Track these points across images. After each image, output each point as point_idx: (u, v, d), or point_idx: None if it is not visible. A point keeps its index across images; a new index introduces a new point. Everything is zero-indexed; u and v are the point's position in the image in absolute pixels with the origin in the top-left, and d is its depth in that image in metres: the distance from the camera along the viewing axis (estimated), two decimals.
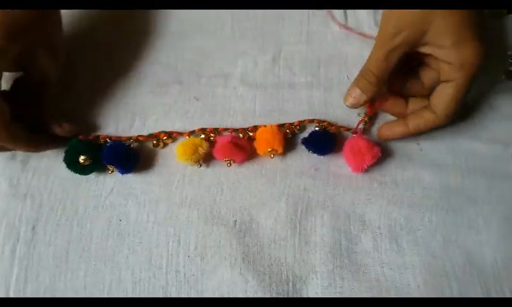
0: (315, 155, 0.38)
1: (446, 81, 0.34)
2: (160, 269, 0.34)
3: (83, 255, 0.34)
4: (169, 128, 0.39)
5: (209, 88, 0.41)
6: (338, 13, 0.45)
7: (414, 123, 0.36)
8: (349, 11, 0.45)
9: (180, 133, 0.38)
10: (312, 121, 0.39)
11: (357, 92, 0.36)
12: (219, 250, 0.34)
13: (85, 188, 0.37)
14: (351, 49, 0.43)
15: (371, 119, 0.39)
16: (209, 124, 0.39)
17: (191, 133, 0.38)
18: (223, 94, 0.41)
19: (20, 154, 0.38)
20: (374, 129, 0.39)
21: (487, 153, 0.38)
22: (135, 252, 0.34)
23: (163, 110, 0.40)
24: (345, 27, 0.43)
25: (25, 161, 0.38)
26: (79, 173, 0.36)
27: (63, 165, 0.36)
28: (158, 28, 0.44)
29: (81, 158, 0.35)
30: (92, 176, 0.37)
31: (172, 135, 0.38)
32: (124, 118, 0.39)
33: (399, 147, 0.38)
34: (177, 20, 0.44)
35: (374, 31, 0.44)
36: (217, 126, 0.39)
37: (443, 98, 0.34)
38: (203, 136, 0.38)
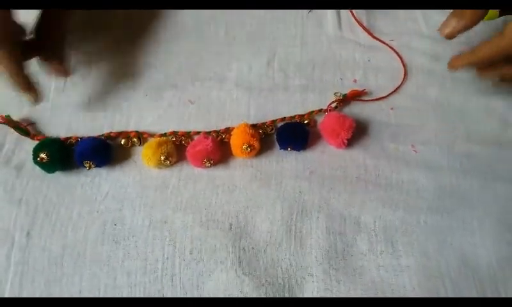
0: (310, 158, 0.38)
1: None
2: (155, 273, 0.33)
3: (78, 260, 0.34)
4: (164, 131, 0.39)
5: (204, 91, 0.41)
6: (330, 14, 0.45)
7: (480, 47, 0.34)
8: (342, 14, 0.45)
9: (151, 135, 0.38)
10: (283, 119, 0.39)
11: (453, 21, 0.34)
12: (215, 253, 0.34)
13: (80, 193, 0.36)
14: (344, 52, 0.43)
15: (344, 97, 0.39)
16: (205, 127, 0.39)
17: (162, 135, 0.38)
18: (218, 98, 0.41)
19: (15, 159, 0.38)
20: (346, 110, 0.40)
21: (481, 154, 0.38)
22: (130, 256, 0.34)
23: (158, 114, 0.40)
24: (369, 32, 0.43)
25: (20, 166, 0.37)
26: (46, 171, 0.37)
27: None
28: (152, 32, 0.44)
29: (39, 156, 0.36)
30: (87, 180, 0.37)
31: (142, 136, 0.38)
32: (119, 122, 0.40)
33: (393, 150, 0.38)
34: (172, 23, 0.45)
35: (367, 35, 0.44)
36: (209, 130, 0.39)
37: None
38: (174, 139, 0.38)
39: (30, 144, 0.38)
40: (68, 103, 0.41)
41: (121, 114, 0.40)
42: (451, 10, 0.35)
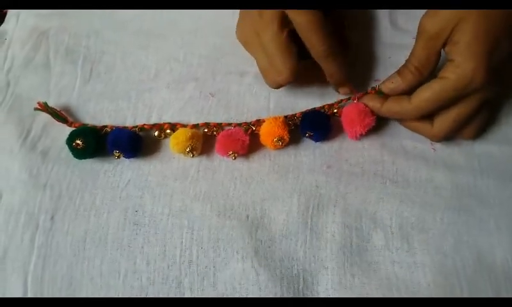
0: (327, 152, 0.38)
1: (439, 77, 0.33)
2: (174, 260, 0.34)
3: (100, 244, 0.35)
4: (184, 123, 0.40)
5: (224, 85, 0.42)
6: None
7: (388, 104, 0.36)
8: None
9: (184, 126, 0.39)
10: (313, 109, 0.39)
11: (397, 79, 0.36)
12: (232, 243, 0.35)
13: (103, 179, 0.37)
14: (364, 47, 0.44)
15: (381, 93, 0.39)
16: (224, 120, 0.40)
17: (194, 126, 0.39)
18: (238, 92, 0.42)
19: (40, 145, 0.39)
20: None
21: (500, 154, 0.38)
22: (150, 242, 0.35)
23: (179, 106, 0.41)
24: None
25: (45, 152, 0.39)
26: (77, 157, 0.37)
27: None
28: (174, 25, 0.45)
29: (75, 142, 0.36)
30: (110, 167, 0.38)
31: (175, 127, 0.39)
32: (142, 113, 0.40)
33: (412, 147, 0.38)
34: (193, 17, 0.45)
35: (389, 33, 0.44)
36: (229, 122, 0.39)
37: (424, 89, 0.34)
38: (206, 130, 0.39)
39: (56, 130, 0.39)
40: (92, 93, 0.42)
41: (144, 105, 0.41)
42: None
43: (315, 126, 0.38)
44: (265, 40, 0.36)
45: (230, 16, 0.45)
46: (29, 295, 0.34)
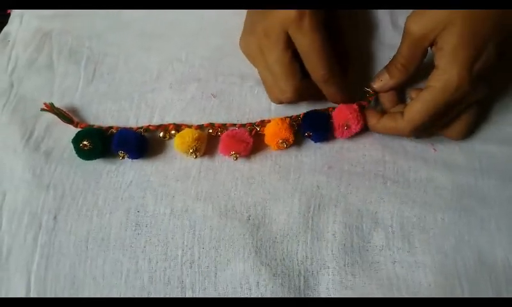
0: (329, 153, 0.38)
1: (426, 87, 0.33)
2: (175, 260, 0.35)
3: (102, 244, 0.35)
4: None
5: (226, 86, 0.42)
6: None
7: (383, 120, 0.36)
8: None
9: (189, 127, 0.39)
10: (315, 110, 0.39)
11: (385, 76, 0.36)
12: (233, 243, 0.35)
13: (105, 180, 0.38)
14: (367, 48, 0.44)
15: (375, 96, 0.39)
16: (226, 120, 0.40)
17: (199, 127, 0.39)
18: (240, 93, 0.42)
19: (43, 146, 0.39)
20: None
21: (500, 154, 0.38)
22: (152, 243, 0.35)
23: (181, 107, 0.41)
24: None
25: (48, 153, 0.39)
26: (82, 158, 0.37)
27: None
28: (176, 27, 0.45)
29: (82, 143, 0.37)
30: (113, 168, 0.38)
31: (180, 128, 0.39)
32: (144, 113, 0.41)
33: (412, 147, 0.39)
34: (195, 19, 0.46)
35: (390, 33, 0.44)
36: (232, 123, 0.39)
37: (415, 102, 0.34)
38: (210, 131, 0.39)
39: (59, 131, 0.40)
40: (95, 93, 0.42)
41: (147, 106, 0.41)
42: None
43: (315, 127, 0.38)
44: (270, 60, 0.36)
45: (232, 17, 0.45)
46: (32, 294, 0.34)
